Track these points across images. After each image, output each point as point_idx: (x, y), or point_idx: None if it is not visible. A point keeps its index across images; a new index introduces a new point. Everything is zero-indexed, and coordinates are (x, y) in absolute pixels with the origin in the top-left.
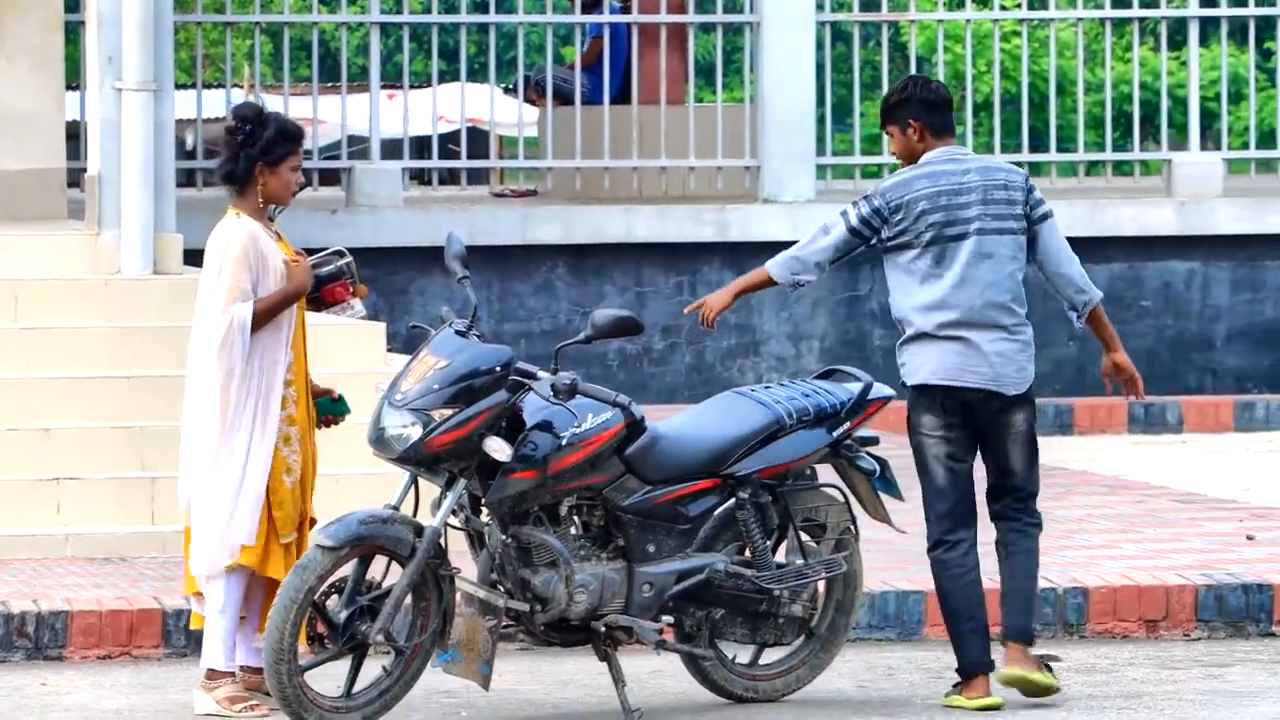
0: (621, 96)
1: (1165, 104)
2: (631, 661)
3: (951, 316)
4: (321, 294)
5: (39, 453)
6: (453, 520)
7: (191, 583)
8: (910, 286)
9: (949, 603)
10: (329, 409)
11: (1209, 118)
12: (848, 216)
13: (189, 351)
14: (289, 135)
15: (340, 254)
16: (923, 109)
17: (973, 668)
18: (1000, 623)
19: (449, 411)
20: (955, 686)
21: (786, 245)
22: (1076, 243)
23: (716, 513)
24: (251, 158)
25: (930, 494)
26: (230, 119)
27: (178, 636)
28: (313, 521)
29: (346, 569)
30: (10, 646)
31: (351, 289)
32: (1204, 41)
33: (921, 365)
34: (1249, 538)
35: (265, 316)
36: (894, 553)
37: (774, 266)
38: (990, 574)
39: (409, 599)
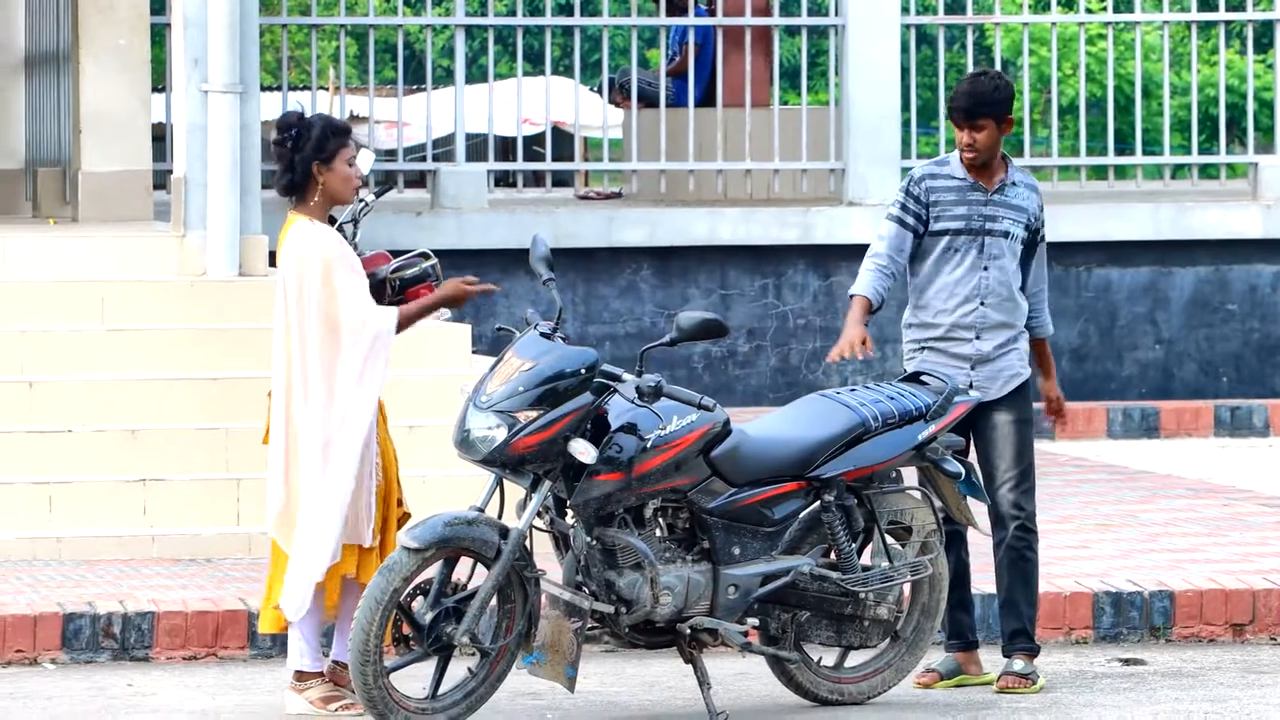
0: (706, 99)
1: (1251, 107)
2: (717, 664)
3: None
4: (406, 296)
5: (125, 454)
6: (538, 522)
7: (277, 594)
8: None
9: None
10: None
11: None
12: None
13: (276, 357)
14: (337, 129)
15: (425, 256)
16: None
17: None
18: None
19: (534, 413)
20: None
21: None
22: (1162, 246)
23: (802, 515)
24: (306, 160)
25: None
26: (274, 131)
27: (263, 638)
28: (407, 516)
29: (432, 571)
30: (97, 647)
31: None
32: None
33: None
34: None
35: (406, 325)
36: (978, 556)
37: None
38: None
39: (494, 601)
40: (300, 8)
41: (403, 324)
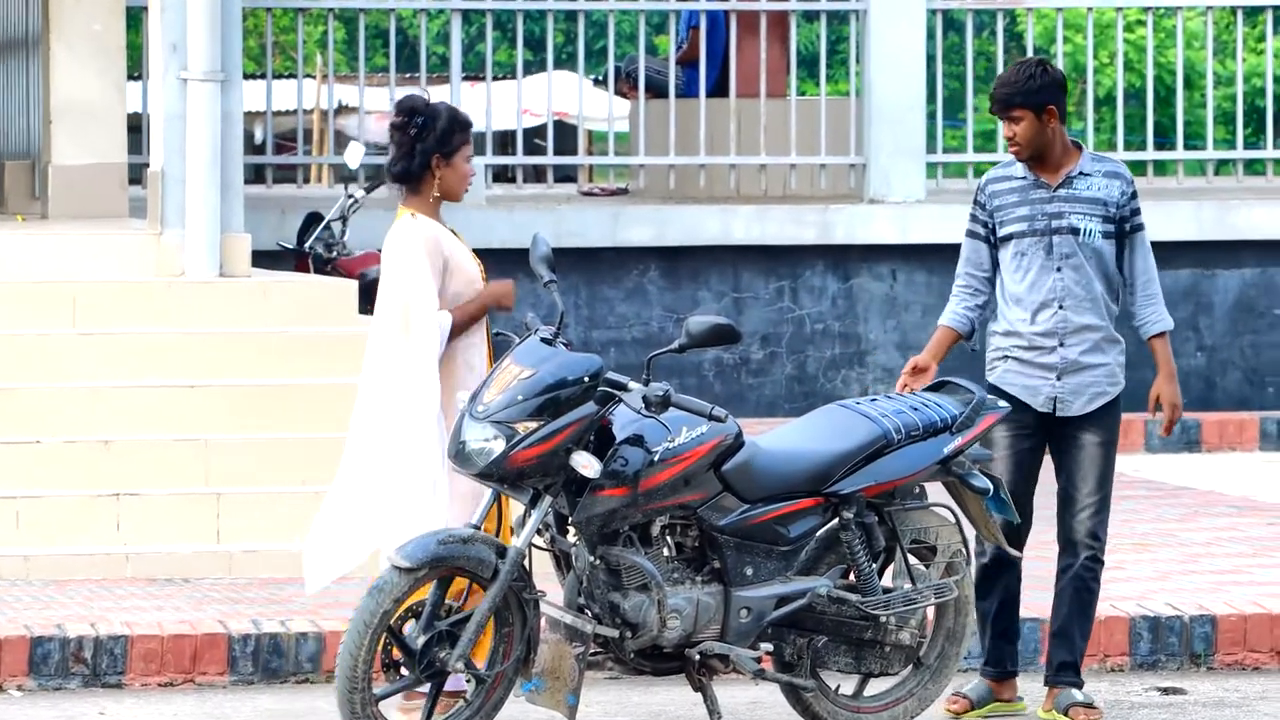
0: (718, 89)
1: None
2: (728, 692)
3: None
4: None
5: (98, 466)
6: (538, 540)
7: None
8: None
9: None
10: None
11: None
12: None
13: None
14: (462, 124)
15: None
16: None
17: None
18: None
19: (534, 424)
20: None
21: (893, 248)
22: (1205, 246)
23: (819, 533)
24: (427, 152)
25: None
26: (397, 114)
27: (244, 663)
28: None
29: (425, 592)
30: (67, 673)
31: None
32: None
33: None
34: None
35: (463, 326)
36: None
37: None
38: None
39: (491, 624)
40: None
41: (457, 326)
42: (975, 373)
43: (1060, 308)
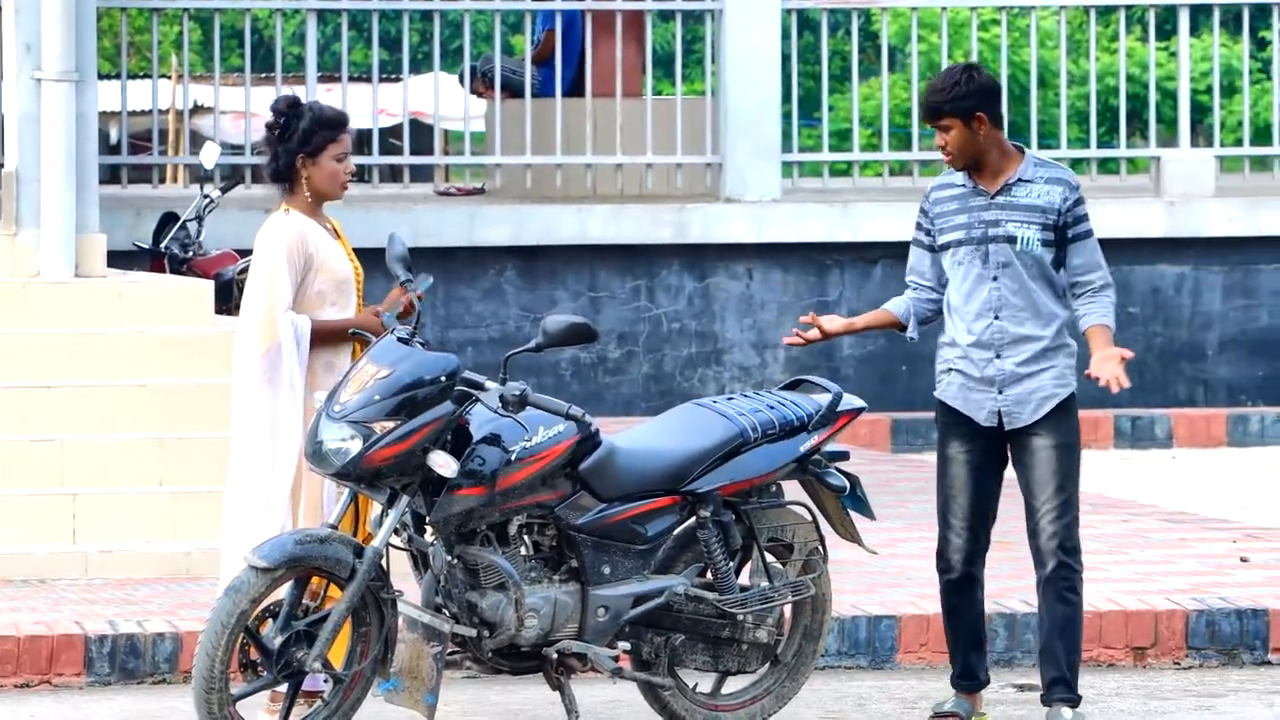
0: (575, 89)
1: (1153, 97)
2: (586, 690)
3: None
4: None
5: None
6: (395, 540)
7: None
8: None
9: None
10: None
11: (1200, 112)
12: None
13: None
14: (326, 123)
15: None
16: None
17: None
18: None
19: (391, 424)
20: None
21: (748, 247)
22: None
23: (676, 532)
24: (290, 151)
25: None
26: (268, 114)
27: (101, 664)
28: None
29: (281, 592)
30: None
31: None
32: (1195, 31)
33: None
34: (1243, 559)
35: (322, 338)
36: (864, 575)
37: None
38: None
39: (348, 624)
40: None
41: (315, 335)
42: (926, 386)
43: (996, 318)
